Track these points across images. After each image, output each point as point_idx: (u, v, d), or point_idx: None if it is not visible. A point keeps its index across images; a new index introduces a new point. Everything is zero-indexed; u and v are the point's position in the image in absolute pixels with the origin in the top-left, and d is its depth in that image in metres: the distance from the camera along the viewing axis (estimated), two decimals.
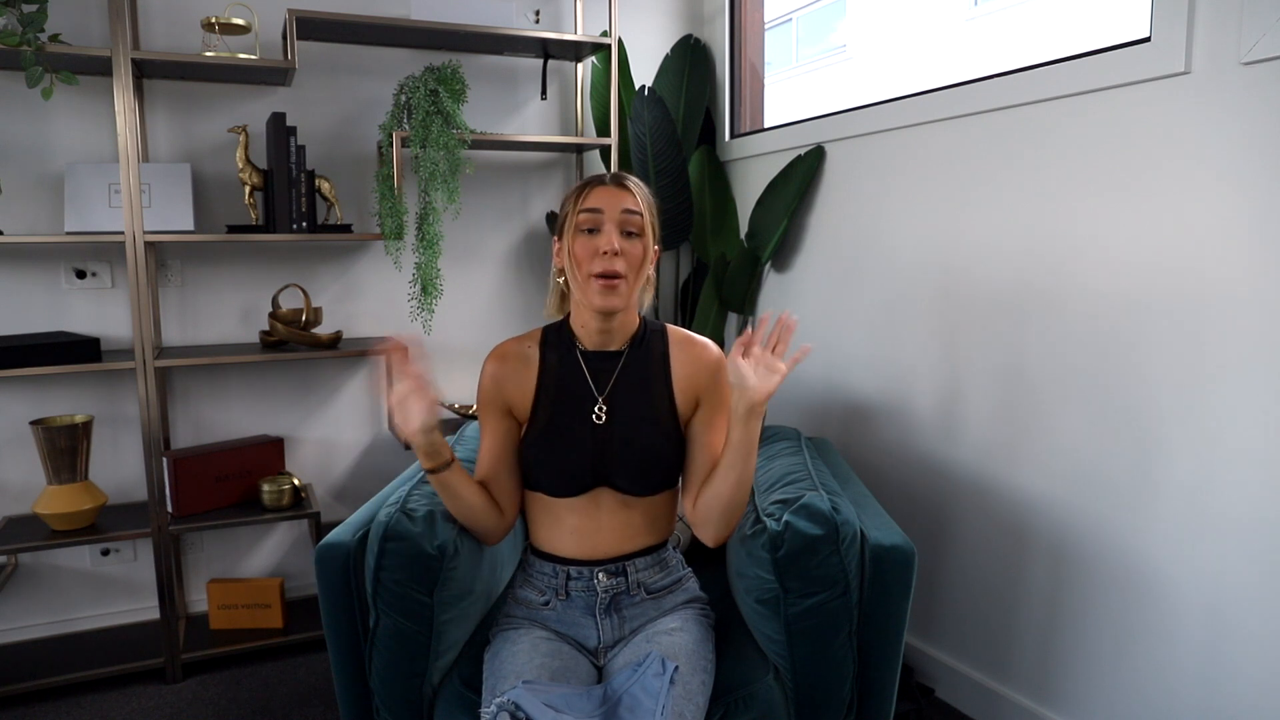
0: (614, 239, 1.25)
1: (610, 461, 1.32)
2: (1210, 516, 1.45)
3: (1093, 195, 1.60)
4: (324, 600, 1.36)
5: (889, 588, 1.32)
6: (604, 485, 1.33)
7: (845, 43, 12.24)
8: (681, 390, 1.36)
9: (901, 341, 2.06)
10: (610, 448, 1.32)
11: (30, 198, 2.15)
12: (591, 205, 1.27)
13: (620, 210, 1.26)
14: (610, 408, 1.33)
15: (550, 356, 1.36)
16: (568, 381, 1.35)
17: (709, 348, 1.39)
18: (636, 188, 1.30)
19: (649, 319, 1.41)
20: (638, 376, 1.35)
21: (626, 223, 1.27)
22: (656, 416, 1.34)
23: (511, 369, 1.36)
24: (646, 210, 1.30)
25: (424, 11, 2.24)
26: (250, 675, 2.13)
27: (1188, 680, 1.50)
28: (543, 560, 1.38)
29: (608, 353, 1.36)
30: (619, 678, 1.19)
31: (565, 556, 1.36)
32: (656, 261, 1.36)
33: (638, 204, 1.28)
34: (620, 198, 1.28)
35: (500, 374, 1.36)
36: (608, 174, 1.31)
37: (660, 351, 1.37)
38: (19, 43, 1.78)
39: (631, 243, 1.28)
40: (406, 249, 2.48)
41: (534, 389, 1.35)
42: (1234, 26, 1.34)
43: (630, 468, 1.31)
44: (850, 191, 2.19)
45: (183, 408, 2.34)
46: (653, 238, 1.32)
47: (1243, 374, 1.38)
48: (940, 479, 1.99)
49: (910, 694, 1.92)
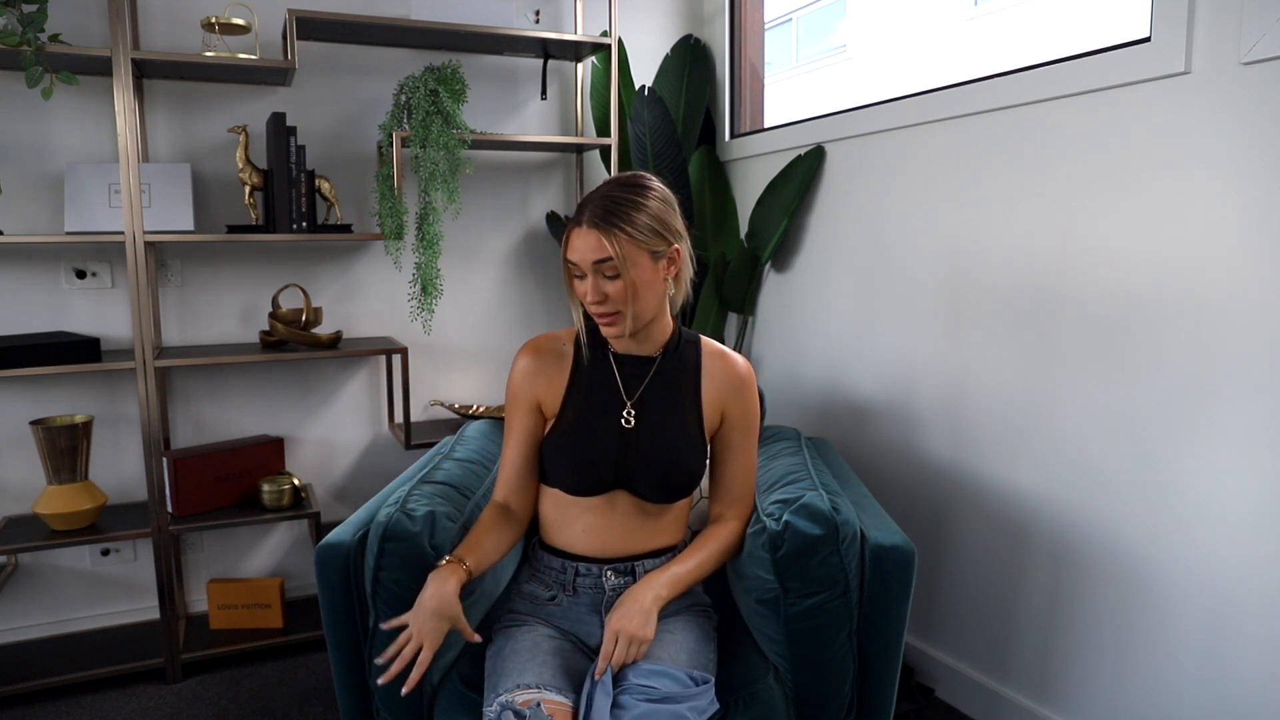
0: (592, 289, 1.24)
1: (633, 466, 1.32)
2: (1211, 516, 1.45)
3: (1092, 195, 1.60)
4: (324, 600, 1.36)
5: (889, 588, 1.32)
6: (623, 488, 1.34)
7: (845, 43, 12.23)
8: (710, 402, 1.37)
9: (901, 341, 2.06)
10: (635, 452, 1.32)
11: (30, 198, 2.15)
12: (569, 257, 1.26)
13: (592, 262, 1.23)
14: (639, 413, 1.34)
15: (584, 355, 1.37)
16: (599, 382, 1.35)
17: (739, 363, 1.40)
18: (610, 223, 1.21)
19: (684, 329, 1.41)
20: (669, 384, 1.36)
21: (601, 270, 1.24)
22: (684, 425, 1.34)
23: (545, 363, 1.37)
24: (624, 244, 1.21)
25: (424, 11, 2.24)
26: (250, 675, 2.13)
27: (1188, 680, 1.50)
28: (551, 555, 1.38)
29: (641, 358, 1.36)
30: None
31: (575, 553, 1.36)
32: (678, 262, 1.30)
33: (607, 247, 1.21)
34: (591, 248, 1.22)
35: (533, 368, 1.36)
36: (589, 206, 1.24)
37: (693, 362, 1.38)
38: (19, 43, 1.78)
39: (611, 283, 1.24)
40: (406, 249, 2.48)
41: (565, 385, 1.36)
42: (1234, 26, 1.34)
43: (652, 474, 1.32)
44: (850, 191, 2.19)
45: (183, 408, 2.34)
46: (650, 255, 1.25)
47: (1243, 373, 1.38)
48: (940, 479, 1.99)
49: (910, 694, 1.92)
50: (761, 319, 2.60)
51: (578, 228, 1.24)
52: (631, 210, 1.23)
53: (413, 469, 1.63)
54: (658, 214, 1.25)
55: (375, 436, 2.55)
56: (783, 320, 2.50)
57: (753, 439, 1.40)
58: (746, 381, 1.38)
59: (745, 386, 1.38)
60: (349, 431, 2.52)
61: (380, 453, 2.56)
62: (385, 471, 2.56)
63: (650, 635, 1.21)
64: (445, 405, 2.50)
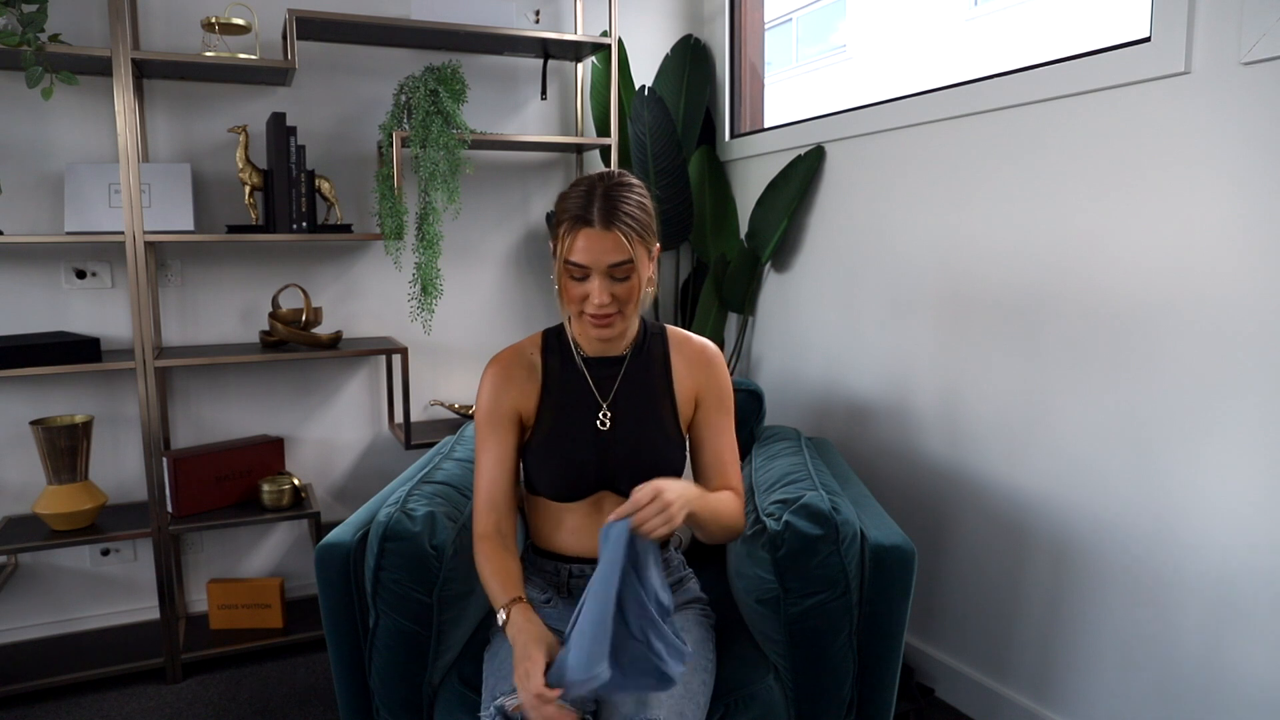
0: (600, 292, 1.20)
1: (614, 467, 1.32)
2: (1211, 516, 1.45)
3: (1092, 195, 1.60)
4: (324, 600, 1.36)
5: (889, 588, 1.32)
6: (606, 490, 1.33)
7: (845, 43, 12.24)
8: (682, 391, 1.36)
9: (901, 341, 2.06)
10: (614, 453, 1.32)
11: (30, 198, 2.15)
12: (577, 260, 1.19)
13: (607, 265, 1.19)
14: (614, 414, 1.33)
15: (552, 362, 1.36)
16: (571, 387, 1.35)
17: (706, 346, 1.39)
18: (625, 222, 1.19)
19: (648, 321, 1.41)
20: (640, 381, 1.35)
21: (614, 274, 1.20)
22: (660, 421, 1.34)
23: (516, 375, 1.34)
24: (636, 244, 1.20)
25: (424, 11, 2.24)
26: (250, 675, 2.13)
27: (1188, 680, 1.50)
28: (544, 558, 1.38)
29: (610, 358, 1.36)
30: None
31: (567, 554, 1.36)
32: (657, 256, 1.31)
33: (625, 249, 1.18)
34: (606, 250, 1.18)
35: (502, 382, 1.33)
36: (595, 205, 1.19)
37: (661, 354, 1.37)
38: (19, 43, 1.78)
39: (621, 285, 1.21)
40: (406, 249, 2.48)
41: (539, 394, 1.34)
42: (1234, 26, 1.34)
43: (634, 473, 1.31)
44: (850, 191, 2.19)
45: (183, 408, 2.34)
46: (649, 253, 1.25)
47: (1243, 373, 1.38)
48: (940, 479, 1.99)
49: (910, 694, 1.92)
50: (761, 319, 2.60)
51: (588, 228, 1.18)
52: (637, 209, 1.22)
53: (413, 469, 1.63)
54: (651, 211, 1.26)
55: (375, 436, 2.55)
56: (783, 320, 2.50)
57: (729, 417, 1.38)
58: (714, 360, 1.38)
59: (713, 366, 1.37)
60: (349, 431, 2.52)
61: (380, 453, 2.56)
62: (385, 471, 2.56)
63: (678, 526, 1.13)
64: (445, 405, 2.50)
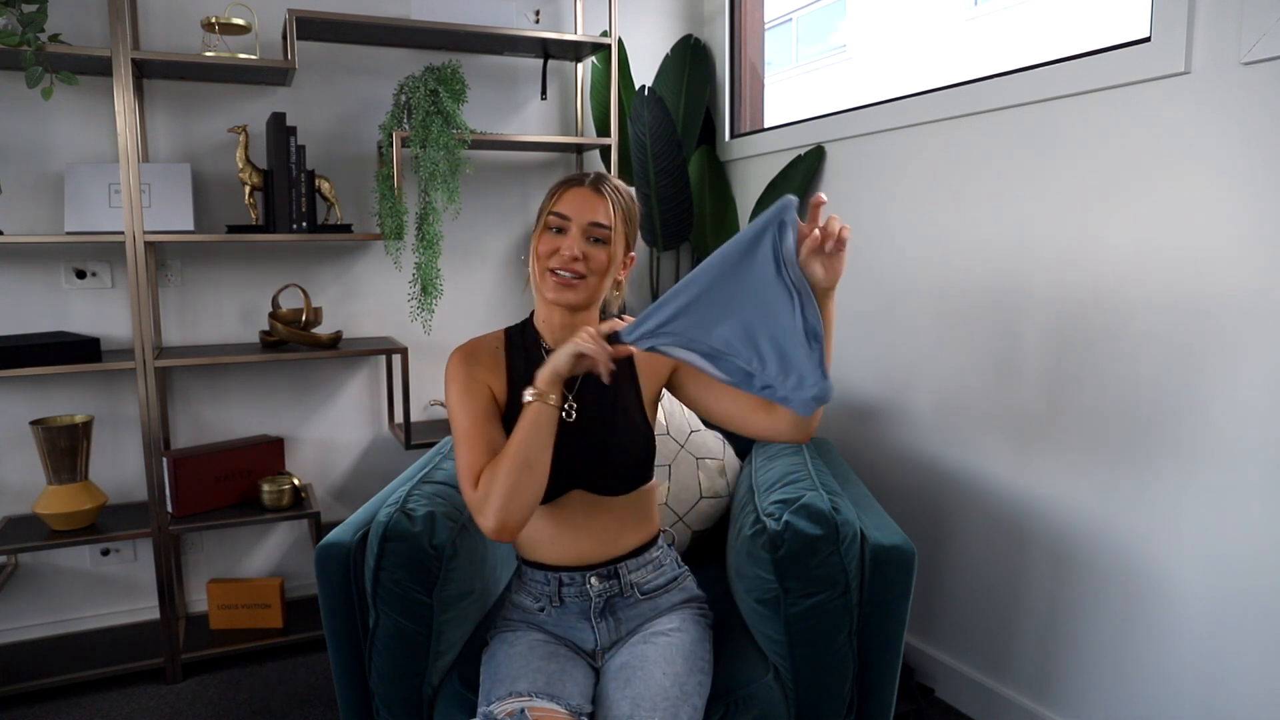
0: (576, 245, 1.25)
1: (582, 461, 1.29)
2: (1210, 516, 1.45)
3: (1092, 195, 1.60)
4: (324, 600, 1.36)
5: (889, 588, 1.32)
6: (579, 486, 1.31)
7: (845, 43, 12.23)
8: (645, 374, 1.35)
9: (902, 341, 2.06)
10: (582, 446, 1.30)
11: (30, 198, 2.15)
12: (561, 210, 1.26)
13: (588, 222, 1.25)
14: (579, 406, 1.31)
15: (516, 358, 1.34)
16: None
17: None
18: (613, 195, 1.28)
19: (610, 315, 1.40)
20: None
21: (592, 233, 1.26)
22: (625, 410, 1.33)
23: (481, 359, 1.31)
24: (620, 220, 1.28)
25: (424, 11, 2.24)
26: (250, 675, 2.13)
27: (1188, 680, 1.50)
28: (534, 569, 1.36)
29: None
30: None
31: (555, 564, 1.34)
32: (630, 267, 1.35)
33: (608, 215, 1.26)
34: (592, 208, 1.26)
35: (471, 363, 1.30)
36: (589, 175, 1.30)
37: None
38: (19, 43, 1.78)
39: (596, 248, 1.26)
40: (406, 249, 2.48)
41: (505, 386, 1.32)
42: (1234, 26, 1.34)
43: (602, 466, 1.30)
44: (850, 191, 2.19)
45: (183, 408, 2.34)
46: (625, 246, 1.31)
47: (1243, 373, 1.38)
48: (941, 479, 1.99)
49: (910, 694, 1.92)
50: None
51: (578, 187, 1.27)
52: (626, 196, 1.32)
53: (413, 469, 1.63)
54: (637, 213, 1.35)
55: (375, 436, 2.55)
56: None
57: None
58: None
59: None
60: (349, 431, 2.52)
61: (380, 453, 2.56)
62: (385, 471, 2.56)
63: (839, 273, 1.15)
64: (445, 405, 2.50)
